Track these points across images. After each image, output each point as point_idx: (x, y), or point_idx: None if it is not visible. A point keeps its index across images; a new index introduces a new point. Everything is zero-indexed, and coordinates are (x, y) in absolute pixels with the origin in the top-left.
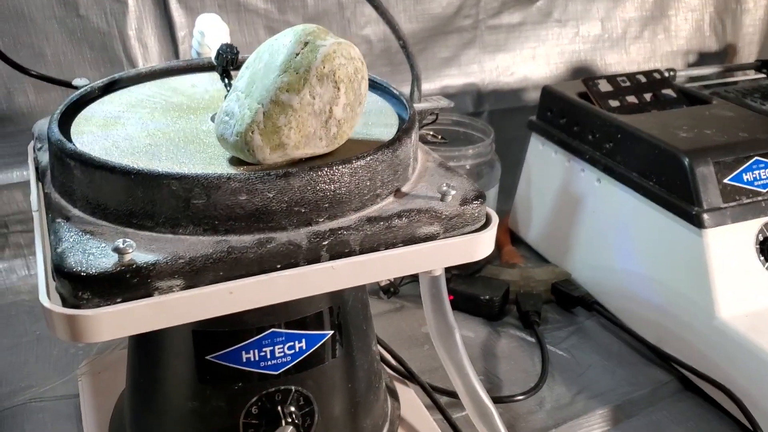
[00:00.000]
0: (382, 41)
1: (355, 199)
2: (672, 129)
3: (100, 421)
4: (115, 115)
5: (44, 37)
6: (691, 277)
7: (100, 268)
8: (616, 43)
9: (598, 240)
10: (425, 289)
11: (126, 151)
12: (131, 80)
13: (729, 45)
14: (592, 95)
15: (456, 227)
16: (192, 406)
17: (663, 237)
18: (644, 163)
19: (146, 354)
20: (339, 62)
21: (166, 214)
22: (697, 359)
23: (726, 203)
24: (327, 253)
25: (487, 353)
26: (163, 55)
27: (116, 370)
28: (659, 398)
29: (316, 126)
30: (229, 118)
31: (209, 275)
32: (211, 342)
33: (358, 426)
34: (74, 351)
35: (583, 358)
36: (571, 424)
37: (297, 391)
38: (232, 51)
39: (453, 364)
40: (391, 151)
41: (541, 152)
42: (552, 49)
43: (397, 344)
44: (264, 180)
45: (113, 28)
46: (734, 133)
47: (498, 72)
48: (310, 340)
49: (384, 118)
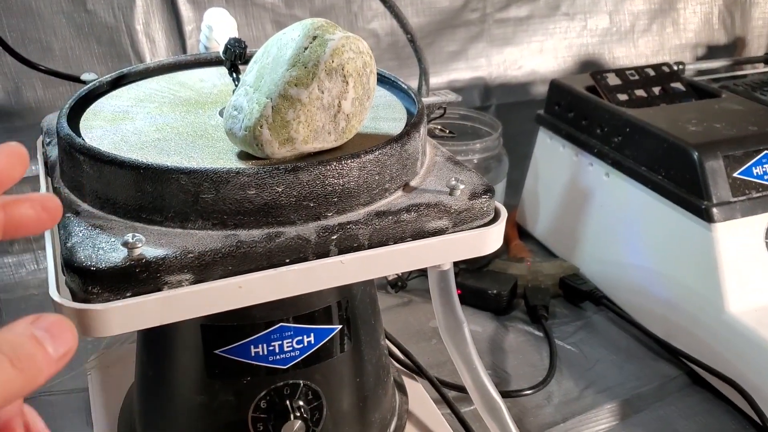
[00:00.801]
0: (390, 35)
1: (364, 194)
2: (681, 123)
3: (109, 415)
4: (123, 110)
5: (52, 32)
6: (700, 272)
7: (109, 263)
8: (624, 37)
9: (606, 234)
10: (434, 284)
11: (135, 146)
12: (139, 75)
13: (738, 38)
14: (601, 89)
15: (465, 221)
16: (200, 400)
17: (672, 231)
18: (653, 157)
19: (155, 348)
20: (348, 56)
21: (175, 209)
22: (705, 354)
23: (735, 197)
24: (336, 248)
25: (495, 347)
26: (170, 49)
27: (125, 364)
28: (667, 393)
29: (325, 120)
30: (237, 113)
31: (218, 270)
32: (220, 336)
33: (367, 420)
34: (83, 344)
35: (591, 353)
36: (579, 418)
37: (305, 385)
38: (240, 45)
39: (461, 358)
40: (400, 146)
41: (548, 146)
42: (560, 43)
43: (405, 338)
44: (273, 174)
45: (121, 23)
46: (744, 126)
47: (506, 66)
48: (319, 335)
49: (392, 113)
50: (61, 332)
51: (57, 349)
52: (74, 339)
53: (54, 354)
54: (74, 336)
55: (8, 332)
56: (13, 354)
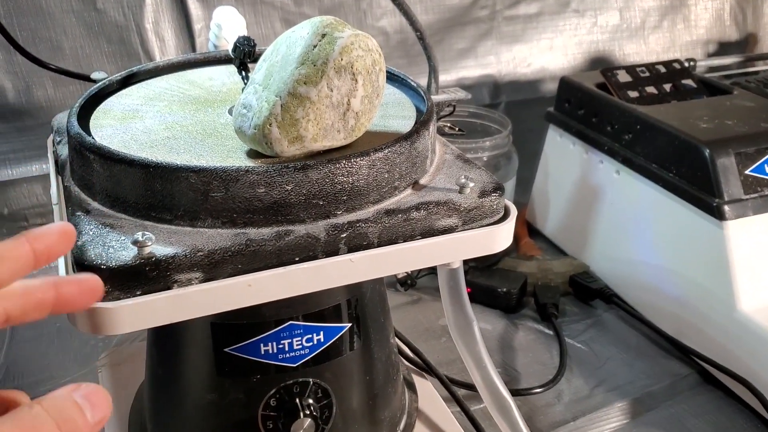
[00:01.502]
0: (399, 33)
1: (374, 192)
2: (692, 120)
3: (119, 413)
4: (133, 108)
5: (62, 31)
6: (712, 270)
7: (119, 261)
8: (634, 33)
9: (616, 232)
10: (443, 282)
11: (144, 144)
12: (149, 73)
13: (750, 34)
14: (611, 86)
15: (474, 219)
16: (210, 398)
17: (683, 229)
18: (664, 154)
19: (165, 346)
20: (357, 54)
21: (184, 207)
22: (717, 352)
23: (747, 195)
24: (345, 246)
25: (504, 346)
26: (180, 48)
27: (135, 362)
28: (678, 391)
29: (334, 118)
30: (246, 111)
31: (228, 268)
32: (230, 334)
33: (376, 418)
34: (94, 342)
35: (602, 351)
36: (589, 417)
37: (315, 383)
38: (250, 43)
39: (471, 356)
40: (410, 144)
41: (558, 144)
42: (570, 40)
43: (414, 336)
44: (282, 173)
45: (130, 22)
46: (756, 123)
47: (515, 63)
48: (328, 333)
49: (402, 110)
50: (98, 401)
51: (94, 416)
52: (109, 407)
53: (91, 420)
54: (109, 404)
55: (53, 399)
56: (59, 417)
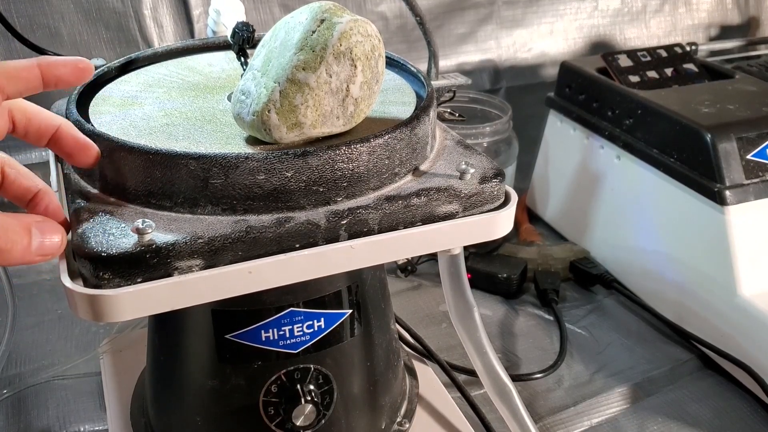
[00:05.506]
0: (398, 18)
1: (374, 178)
2: (694, 104)
3: (121, 399)
4: (132, 95)
5: (60, 18)
6: (713, 255)
7: (120, 249)
8: (636, 17)
9: (617, 218)
10: (444, 268)
11: (144, 131)
12: (148, 60)
13: (752, 18)
14: (612, 71)
15: (475, 206)
16: (212, 384)
17: (684, 214)
18: (665, 139)
19: (166, 333)
20: (356, 40)
21: (184, 194)
22: (717, 337)
23: (749, 180)
24: (345, 233)
25: (505, 331)
26: (178, 34)
27: (137, 349)
28: (679, 376)
29: (333, 104)
30: (245, 98)
31: (228, 255)
32: (231, 321)
33: (377, 404)
34: (95, 329)
35: (602, 336)
36: (589, 402)
37: (316, 369)
38: (248, 29)
39: (471, 342)
40: (410, 130)
41: (559, 129)
42: (570, 24)
43: (415, 322)
44: (282, 159)
45: (128, 8)
46: (757, 108)
47: (515, 48)
48: (329, 319)
49: (401, 96)
50: (49, 229)
51: (39, 248)
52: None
53: (34, 249)
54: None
55: (7, 216)
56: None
